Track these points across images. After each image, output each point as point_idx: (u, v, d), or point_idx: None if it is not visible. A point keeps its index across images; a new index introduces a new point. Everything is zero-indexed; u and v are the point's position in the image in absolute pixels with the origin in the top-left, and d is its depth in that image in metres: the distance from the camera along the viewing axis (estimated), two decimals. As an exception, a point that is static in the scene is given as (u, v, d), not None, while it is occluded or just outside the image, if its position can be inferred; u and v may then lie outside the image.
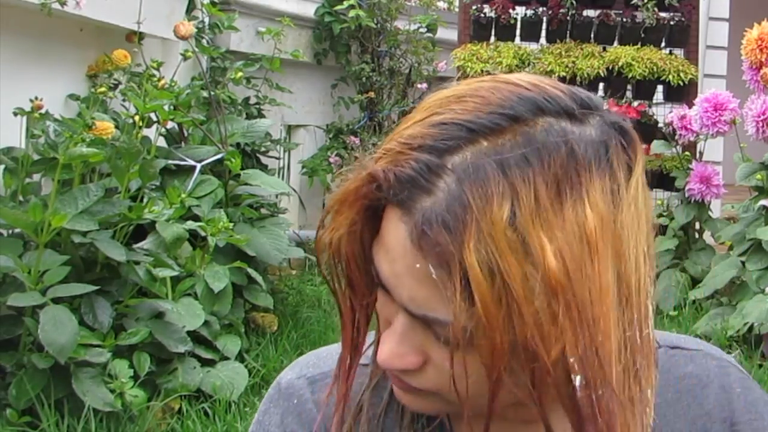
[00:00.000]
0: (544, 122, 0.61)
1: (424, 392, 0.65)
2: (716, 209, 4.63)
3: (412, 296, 0.60)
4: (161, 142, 3.52)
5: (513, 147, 0.59)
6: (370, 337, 0.72)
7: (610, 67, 4.67)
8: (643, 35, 4.77)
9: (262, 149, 4.20)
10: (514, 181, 0.57)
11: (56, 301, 2.43)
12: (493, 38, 4.93)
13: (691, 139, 4.09)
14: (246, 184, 3.55)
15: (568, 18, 4.84)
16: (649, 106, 4.81)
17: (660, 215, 4.25)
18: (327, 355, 0.83)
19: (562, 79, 4.98)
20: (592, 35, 4.87)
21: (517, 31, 4.94)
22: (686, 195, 4.08)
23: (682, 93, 4.66)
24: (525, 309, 0.56)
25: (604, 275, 0.58)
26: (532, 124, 0.60)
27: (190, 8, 4.07)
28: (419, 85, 5.12)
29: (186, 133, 3.74)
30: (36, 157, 2.80)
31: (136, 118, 3.19)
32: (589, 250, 0.58)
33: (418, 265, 0.59)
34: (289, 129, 5.17)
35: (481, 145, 0.59)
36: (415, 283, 0.60)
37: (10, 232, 2.67)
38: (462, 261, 0.56)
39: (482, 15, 4.87)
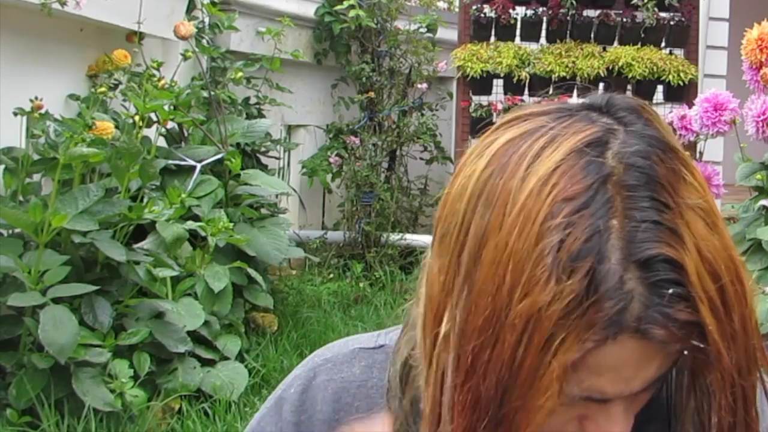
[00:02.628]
0: (614, 159, 0.60)
1: None
2: (716, 209, 4.61)
3: (645, 379, 0.61)
4: (161, 142, 3.52)
5: (634, 203, 0.58)
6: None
7: (610, 67, 4.67)
8: (643, 35, 4.77)
9: (262, 149, 4.20)
10: (675, 222, 0.58)
11: (56, 301, 2.43)
12: (493, 38, 4.93)
13: (691, 139, 4.08)
14: (246, 184, 3.55)
15: (568, 18, 4.84)
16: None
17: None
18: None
19: (563, 79, 4.99)
20: (592, 35, 4.87)
21: (517, 31, 4.93)
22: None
23: (682, 93, 4.66)
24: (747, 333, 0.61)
25: None
26: (612, 170, 0.59)
27: (190, 8, 4.07)
28: (419, 85, 5.12)
29: (186, 133, 3.74)
30: (36, 157, 2.80)
31: (136, 118, 3.19)
32: (721, 230, 0.62)
33: (686, 352, 0.59)
34: (289, 129, 5.17)
35: (615, 228, 0.58)
36: (647, 371, 0.61)
37: (10, 232, 2.67)
38: (698, 313, 0.58)
39: (482, 15, 4.87)
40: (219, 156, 3.47)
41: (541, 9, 4.87)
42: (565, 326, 0.57)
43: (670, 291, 0.57)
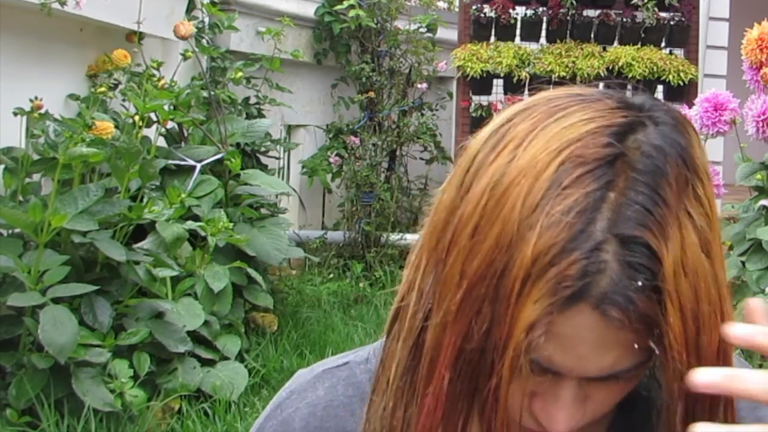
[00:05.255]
0: (633, 143, 0.61)
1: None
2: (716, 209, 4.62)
3: (601, 366, 0.61)
4: (161, 142, 3.52)
5: (634, 184, 0.59)
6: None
7: (610, 67, 4.67)
8: (643, 35, 4.77)
9: (262, 149, 4.20)
10: (664, 213, 0.59)
11: (56, 301, 2.43)
12: (493, 38, 4.93)
13: (691, 139, 4.08)
14: (246, 184, 3.55)
15: (568, 18, 4.84)
16: (649, 106, 4.80)
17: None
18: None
19: (563, 79, 5.00)
20: (592, 35, 4.87)
21: (517, 31, 4.94)
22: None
23: (682, 93, 4.66)
24: (714, 326, 0.60)
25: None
26: (627, 151, 0.60)
27: (190, 8, 4.07)
28: (419, 85, 5.12)
29: (186, 133, 3.74)
30: (36, 157, 2.80)
31: (136, 118, 3.19)
32: (713, 259, 0.61)
33: (614, 343, 0.59)
34: (289, 129, 5.17)
35: (611, 199, 0.59)
36: (605, 356, 0.60)
37: (10, 232, 2.67)
38: (662, 315, 0.58)
39: (482, 15, 4.87)
40: (219, 156, 3.47)
41: (541, 9, 4.87)
42: (542, 272, 0.58)
43: (643, 277, 0.57)
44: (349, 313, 4.09)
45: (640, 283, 0.57)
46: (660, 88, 4.82)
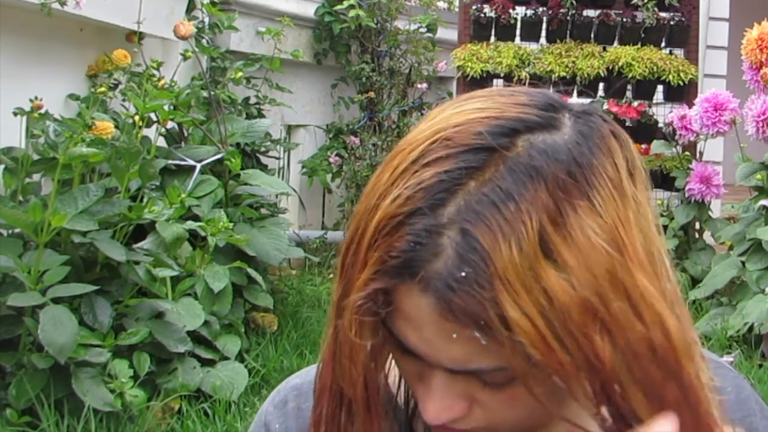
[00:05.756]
0: (524, 142, 0.59)
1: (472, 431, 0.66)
2: (716, 209, 4.63)
3: (451, 357, 0.60)
4: (161, 142, 3.52)
5: (500, 178, 0.58)
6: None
7: (610, 67, 4.67)
8: (643, 35, 4.77)
9: (262, 149, 4.20)
10: (515, 213, 0.56)
11: (56, 301, 2.43)
12: (493, 38, 4.93)
13: (691, 139, 4.09)
14: (246, 184, 3.55)
15: (568, 18, 4.84)
16: (649, 106, 4.81)
17: (660, 215, 4.25)
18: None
19: (563, 79, 4.98)
20: (592, 35, 4.87)
21: (517, 31, 4.94)
22: (686, 195, 4.08)
23: (682, 93, 4.66)
24: (574, 331, 0.56)
25: (638, 275, 0.58)
26: (512, 148, 0.59)
27: (190, 8, 4.07)
28: (419, 85, 5.12)
29: (186, 133, 3.74)
30: (36, 157, 2.80)
31: (136, 118, 3.19)
32: (618, 252, 0.58)
33: (455, 335, 0.58)
34: (289, 129, 5.17)
35: (469, 187, 0.58)
36: (451, 346, 0.59)
37: (10, 232, 2.67)
38: (498, 310, 0.56)
39: (482, 15, 4.87)
40: (219, 156, 3.47)
41: (541, 9, 4.87)
42: (380, 240, 0.59)
43: (469, 270, 0.56)
44: (349, 313, 4.08)
45: (462, 274, 0.56)
46: (660, 88, 4.82)
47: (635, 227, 0.59)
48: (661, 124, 4.58)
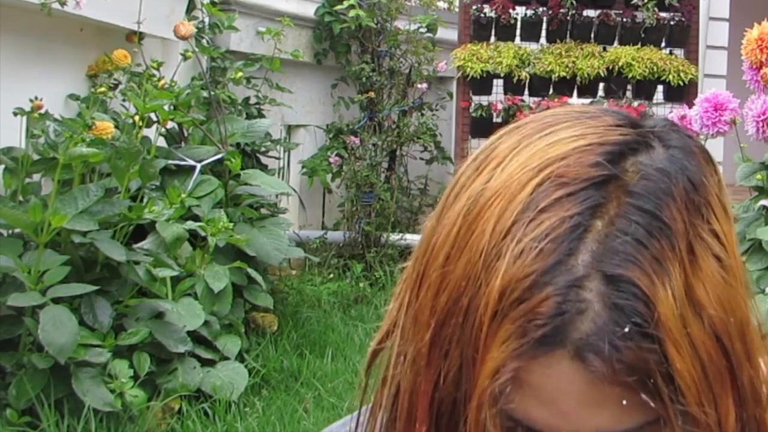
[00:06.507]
0: (633, 166, 0.53)
1: None
2: (716, 209, 4.62)
3: (594, 427, 0.51)
4: (161, 142, 3.52)
5: (627, 212, 0.51)
6: None
7: (610, 67, 4.68)
8: (643, 35, 4.77)
9: (262, 149, 4.20)
10: (661, 248, 0.50)
11: (56, 301, 2.43)
12: (493, 38, 4.94)
13: (691, 139, 4.08)
14: (246, 184, 3.55)
15: (568, 18, 4.84)
16: (649, 106, 4.81)
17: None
18: None
19: (563, 79, 4.97)
20: (592, 35, 4.87)
21: (517, 31, 4.94)
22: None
23: (682, 93, 4.66)
24: (714, 386, 0.51)
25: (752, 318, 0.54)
26: (623, 173, 0.52)
27: (190, 8, 4.07)
28: (419, 85, 5.12)
29: (186, 133, 3.74)
30: (36, 157, 2.80)
31: (136, 118, 3.19)
32: (735, 281, 0.53)
33: (624, 402, 0.50)
34: (289, 129, 5.17)
35: (597, 227, 0.50)
36: (596, 413, 0.51)
37: (10, 232, 2.67)
38: (665, 364, 0.49)
39: (482, 15, 4.87)
40: (219, 156, 3.47)
41: (541, 9, 4.87)
42: (510, 309, 0.50)
43: (632, 322, 0.48)
44: (349, 313, 4.09)
45: (627, 329, 0.48)
46: (660, 88, 4.82)
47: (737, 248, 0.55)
48: (661, 124, 4.57)
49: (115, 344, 2.57)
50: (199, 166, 3.40)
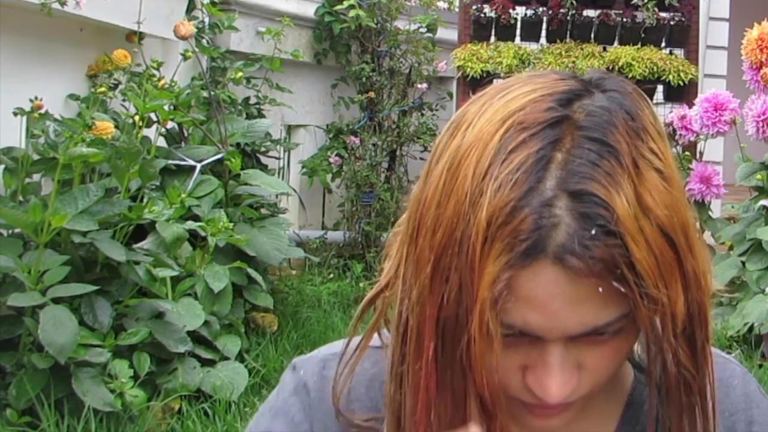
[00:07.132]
0: (579, 107, 0.64)
1: (570, 405, 0.68)
2: (716, 209, 4.63)
3: (579, 321, 0.62)
4: (161, 142, 3.52)
5: (580, 142, 0.62)
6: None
7: (610, 67, 4.67)
8: (643, 35, 4.77)
9: (262, 149, 4.20)
10: (612, 166, 0.61)
11: (56, 301, 2.43)
12: (493, 38, 4.93)
13: (692, 139, 4.09)
14: (246, 184, 3.55)
15: (568, 18, 4.84)
16: (649, 106, 4.80)
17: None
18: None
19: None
20: (592, 35, 4.87)
21: (517, 31, 4.94)
22: (686, 195, 4.08)
23: (682, 93, 4.66)
24: (665, 273, 0.62)
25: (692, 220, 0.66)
26: (575, 115, 0.63)
27: (190, 8, 4.07)
28: (419, 85, 5.12)
29: (186, 133, 3.74)
30: (36, 157, 2.80)
31: (136, 118, 3.19)
32: (677, 191, 0.64)
33: (600, 289, 0.61)
34: (289, 129, 5.17)
35: (557, 158, 0.61)
36: (580, 310, 0.62)
37: (10, 232, 2.67)
38: (627, 255, 0.60)
39: (482, 15, 4.87)
40: (219, 156, 3.47)
41: (541, 9, 4.87)
42: (497, 232, 0.60)
43: (596, 224, 0.59)
44: (349, 313, 4.09)
45: (593, 231, 0.59)
46: (660, 88, 4.82)
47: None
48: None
49: (115, 344, 2.57)
50: (199, 166, 3.40)
